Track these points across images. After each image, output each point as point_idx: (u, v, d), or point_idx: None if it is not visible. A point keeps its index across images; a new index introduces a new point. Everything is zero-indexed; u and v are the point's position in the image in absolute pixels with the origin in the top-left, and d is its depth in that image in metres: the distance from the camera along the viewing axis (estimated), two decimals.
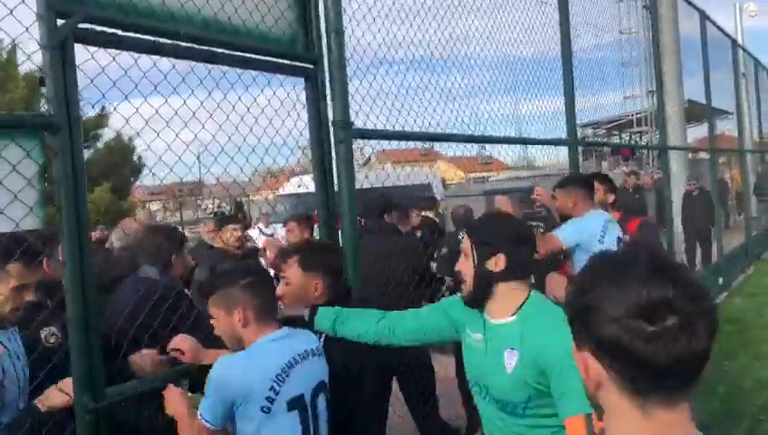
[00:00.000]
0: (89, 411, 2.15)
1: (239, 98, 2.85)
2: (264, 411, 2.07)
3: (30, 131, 2.06)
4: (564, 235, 3.85)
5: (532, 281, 2.12)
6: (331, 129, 3.12)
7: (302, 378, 2.18)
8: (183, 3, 2.56)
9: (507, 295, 2.04)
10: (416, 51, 3.67)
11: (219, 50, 2.73)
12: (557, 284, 3.87)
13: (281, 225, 12.09)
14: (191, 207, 35.93)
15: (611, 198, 4.47)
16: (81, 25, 2.19)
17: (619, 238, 3.98)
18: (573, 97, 5.34)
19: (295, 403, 2.15)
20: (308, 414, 2.16)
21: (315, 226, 5.86)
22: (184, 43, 2.56)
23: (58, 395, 2.19)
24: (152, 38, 2.46)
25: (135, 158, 15.86)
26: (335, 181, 3.14)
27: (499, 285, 2.04)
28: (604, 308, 0.98)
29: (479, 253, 2.05)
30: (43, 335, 2.49)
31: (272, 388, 2.08)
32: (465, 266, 2.09)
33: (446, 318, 2.29)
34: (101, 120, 15.83)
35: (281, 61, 3.04)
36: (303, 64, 3.13)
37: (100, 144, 16.41)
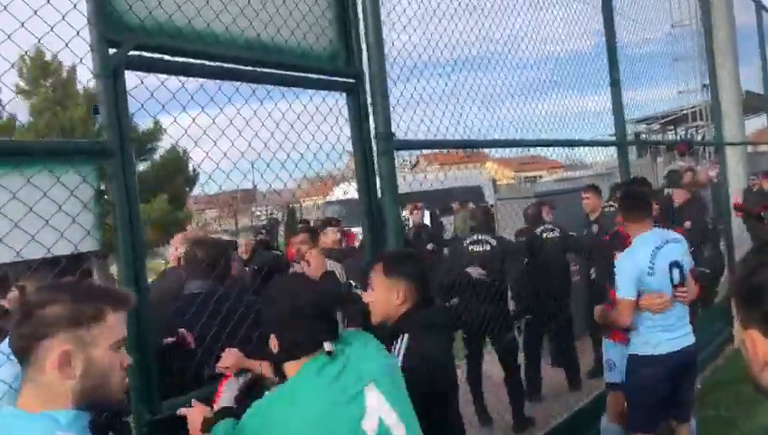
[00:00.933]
0: (146, 424, 2.25)
1: (290, 106, 2.94)
2: None
3: (86, 157, 2.17)
4: (623, 292, 3.68)
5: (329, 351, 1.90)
6: (374, 140, 3.16)
7: None
8: (227, 25, 2.64)
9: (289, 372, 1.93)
10: (458, 52, 3.68)
11: (264, 70, 2.81)
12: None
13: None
14: (245, 214, 36.77)
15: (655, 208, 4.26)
16: (131, 53, 2.29)
17: (674, 263, 3.74)
18: (621, 96, 5.26)
19: None
20: None
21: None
22: (228, 65, 2.66)
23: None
24: (198, 61, 2.55)
25: (190, 168, 16.36)
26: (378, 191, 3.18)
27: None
28: None
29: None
30: None
31: None
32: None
33: None
34: (156, 132, 16.37)
35: (322, 77, 3.11)
36: (345, 79, 3.18)
37: (156, 156, 16.96)
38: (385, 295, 2.47)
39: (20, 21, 1.98)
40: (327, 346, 1.86)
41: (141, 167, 16.24)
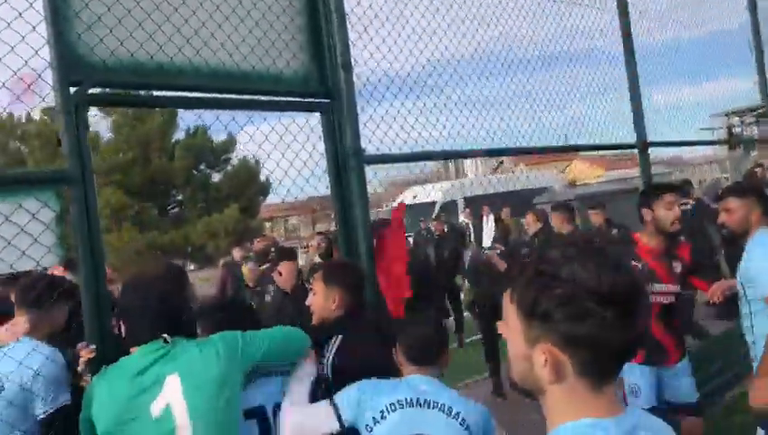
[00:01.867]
0: None
1: None
2: None
3: (47, 184, 2.47)
4: None
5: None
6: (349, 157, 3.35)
7: None
8: (190, 57, 2.90)
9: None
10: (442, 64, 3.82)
11: (230, 96, 3.06)
12: None
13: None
14: (326, 220, 37.66)
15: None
16: (94, 90, 2.59)
17: None
18: (640, 96, 5.18)
19: None
20: None
21: None
22: (193, 94, 2.92)
23: None
24: (162, 93, 2.83)
25: (262, 177, 17.02)
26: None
27: None
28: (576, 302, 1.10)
29: None
30: None
31: None
32: None
33: None
34: (229, 144, 17.22)
35: (294, 99, 3.32)
36: (319, 100, 3.39)
37: (229, 167, 17.76)
38: (323, 300, 2.74)
39: None
40: (166, 336, 2.19)
41: (216, 178, 17.14)
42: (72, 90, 2.52)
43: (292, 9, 3.33)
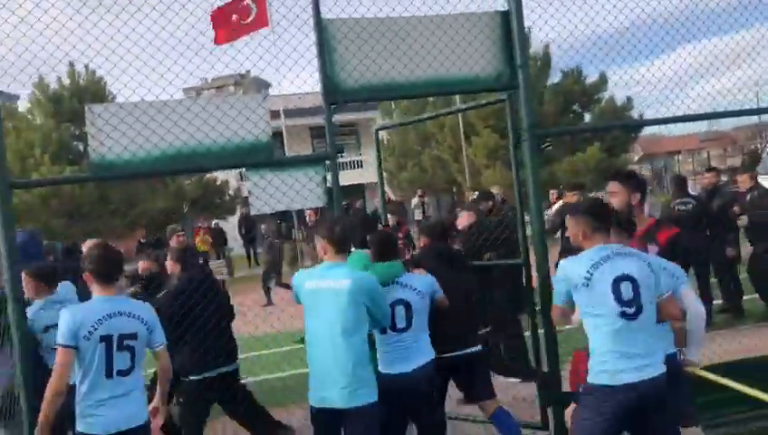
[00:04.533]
0: None
1: None
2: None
3: (317, 160, 4.44)
4: None
5: None
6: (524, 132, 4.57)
7: None
8: (407, 76, 4.49)
9: None
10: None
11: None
12: None
13: None
14: (738, 153, 34.23)
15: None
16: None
17: None
18: None
19: None
20: None
21: None
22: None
23: None
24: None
25: (635, 114, 17.10)
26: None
27: None
28: None
29: None
30: None
31: None
32: None
33: None
34: (600, 84, 17.76)
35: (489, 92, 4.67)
36: (508, 90, 4.66)
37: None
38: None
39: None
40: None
41: (587, 118, 17.81)
42: (332, 107, 4.41)
43: (488, 28, 4.61)
